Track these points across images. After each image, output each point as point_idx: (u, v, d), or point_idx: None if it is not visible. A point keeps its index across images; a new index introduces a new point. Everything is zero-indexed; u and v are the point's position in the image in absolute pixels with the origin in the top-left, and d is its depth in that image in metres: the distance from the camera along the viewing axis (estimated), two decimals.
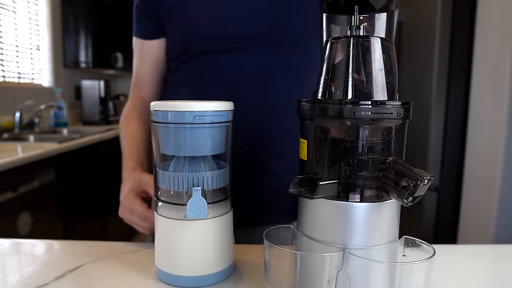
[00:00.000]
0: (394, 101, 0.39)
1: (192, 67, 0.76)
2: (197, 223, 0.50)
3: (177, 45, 0.77)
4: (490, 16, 1.78)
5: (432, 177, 0.36)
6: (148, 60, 0.83)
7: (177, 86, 0.80)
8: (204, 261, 0.51)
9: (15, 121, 2.33)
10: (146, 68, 0.84)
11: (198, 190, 0.48)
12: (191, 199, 0.48)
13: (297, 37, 0.73)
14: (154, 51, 0.82)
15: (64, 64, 3.01)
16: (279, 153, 0.74)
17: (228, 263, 0.54)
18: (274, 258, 0.43)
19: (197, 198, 0.48)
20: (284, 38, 0.73)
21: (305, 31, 0.73)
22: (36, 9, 2.71)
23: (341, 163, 0.40)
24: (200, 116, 0.48)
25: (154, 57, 0.83)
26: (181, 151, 0.50)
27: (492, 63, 1.76)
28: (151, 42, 0.81)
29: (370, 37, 0.42)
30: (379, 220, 0.41)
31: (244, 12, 0.72)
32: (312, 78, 0.78)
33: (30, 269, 0.57)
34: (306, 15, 0.73)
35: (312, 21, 0.72)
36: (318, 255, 0.41)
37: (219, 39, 0.72)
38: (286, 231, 0.48)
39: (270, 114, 0.72)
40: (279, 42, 0.72)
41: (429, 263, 0.39)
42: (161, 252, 0.53)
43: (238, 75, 0.73)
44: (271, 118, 0.72)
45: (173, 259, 0.51)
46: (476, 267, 0.60)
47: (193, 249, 0.51)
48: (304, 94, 0.77)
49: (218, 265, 0.52)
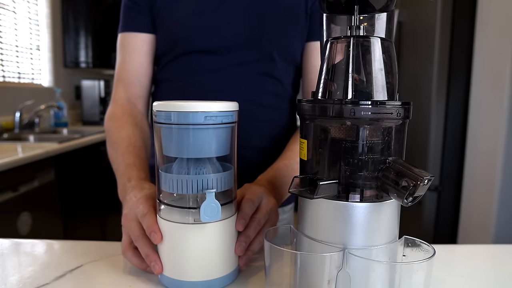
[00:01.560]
0: (394, 101, 0.39)
1: (176, 66, 0.77)
2: (203, 227, 0.48)
3: (164, 43, 0.77)
4: (490, 16, 1.78)
5: (432, 177, 0.36)
6: (138, 53, 0.78)
7: (162, 84, 0.81)
8: (208, 265, 0.50)
9: (15, 121, 2.33)
10: (138, 63, 0.79)
11: (212, 193, 0.47)
12: (205, 202, 0.46)
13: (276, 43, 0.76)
14: (145, 44, 0.78)
15: (64, 64, 3.01)
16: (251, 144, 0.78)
17: (233, 267, 0.53)
18: (274, 258, 0.43)
19: (211, 201, 0.46)
20: (263, 43, 0.75)
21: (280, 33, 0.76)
22: (36, 9, 2.71)
23: (341, 163, 0.40)
24: (209, 117, 0.47)
25: (147, 50, 0.78)
26: (187, 153, 0.48)
27: (492, 63, 1.75)
28: (144, 35, 0.77)
29: (370, 37, 0.42)
30: (379, 220, 0.41)
31: (228, 17, 0.74)
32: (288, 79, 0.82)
33: (30, 269, 0.57)
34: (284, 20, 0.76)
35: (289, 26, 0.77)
36: (318, 255, 0.41)
37: (203, 42, 0.74)
38: (286, 231, 0.48)
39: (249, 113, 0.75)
40: (258, 46, 0.75)
41: (429, 263, 0.39)
42: (164, 256, 0.51)
43: (220, 77, 0.75)
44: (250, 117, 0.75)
45: (177, 264, 0.50)
46: (476, 267, 0.60)
47: (198, 253, 0.49)
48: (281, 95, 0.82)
49: (223, 269, 0.51)
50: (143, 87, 0.80)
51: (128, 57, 0.78)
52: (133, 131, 0.73)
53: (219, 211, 0.47)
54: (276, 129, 0.82)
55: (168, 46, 0.77)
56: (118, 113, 0.76)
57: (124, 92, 0.79)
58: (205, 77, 0.76)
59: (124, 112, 0.76)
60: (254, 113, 0.77)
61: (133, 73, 0.79)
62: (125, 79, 0.79)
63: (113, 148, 0.71)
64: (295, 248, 0.46)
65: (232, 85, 0.76)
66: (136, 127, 0.74)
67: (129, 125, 0.74)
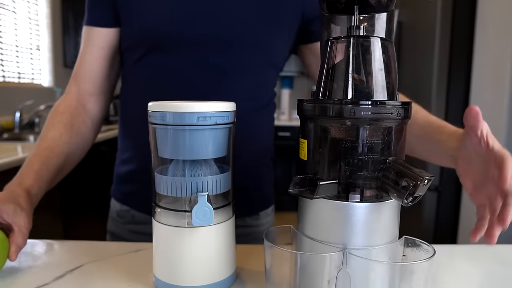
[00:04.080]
0: (394, 101, 0.39)
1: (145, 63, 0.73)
2: (198, 230, 0.47)
3: (130, 38, 0.73)
4: (490, 16, 1.78)
5: (432, 177, 0.36)
6: (95, 49, 0.74)
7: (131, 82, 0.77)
8: (206, 270, 0.49)
9: (15, 121, 2.33)
10: (91, 58, 0.74)
11: (204, 196, 0.45)
12: (197, 205, 0.45)
13: (253, 39, 0.72)
14: (103, 39, 0.74)
15: (64, 64, 3.01)
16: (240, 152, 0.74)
17: (230, 271, 0.52)
18: (274, 258, 0.43)
19: (203, 204, 0.45)
20: (238, 39, 0.71)
21: (260, 32, 0.72)
22: (36, 9, 2.71)
23: (341, 163, 0.40)
24: (204, 118, 0.45)
25: (103, 45, 0.74)
26: (182, 154, 0.47)
27: (492, 63, 1.75)
28: (102, 30, 0.73)
29: (370, 37, 0.42)
30: (379, 220, 0.41)
31: (197, 11, 0.69)
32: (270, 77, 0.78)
33: (30, 269, 0.57)
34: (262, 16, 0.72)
35: (269, 22, 0.73)
36: (318, 255, 0.41)
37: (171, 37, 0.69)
38: (286, 231, 0.48)
39: None
40: (231, 42, 0.71)
41: (429, 263, 0.39)
42: (160, 261, 0.50)
43: (190, 74, 0.71)
44: None
45: (173, 268, 0.48)
46: (476, 267, 0.60)
47: (195, 258, 0.48)
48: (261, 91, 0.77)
49: (221, 274, 0.50)
50: (95, 83, 0.76)
51: (84, 51, 0.75)
52: (62, 134, 0.70)
53: (212, 215, 0.46)
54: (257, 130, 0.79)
55: (137, 40, 0.72)
56: (60, 108, 0.74)
57: (76, 87, 0.76)
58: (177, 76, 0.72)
59: (66, 110, 0.73)
60: None
61: (86, 68, 0.75)
62: (78, 74, 0.76)
63: (36, 143, 0.70)
64: (295, 248, 0.46)
65: None
66: (69, 129, 0.71)
67: (62, 126, 0.71)
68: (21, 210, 0.57)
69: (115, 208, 0.83)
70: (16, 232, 0.55)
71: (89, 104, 0.77)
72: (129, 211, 0.80)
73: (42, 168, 0.64)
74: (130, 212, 0.80)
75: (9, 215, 0.55)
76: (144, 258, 0.60)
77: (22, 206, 0.57)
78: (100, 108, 0.79)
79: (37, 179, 0.63)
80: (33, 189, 0.62)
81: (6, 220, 0.55)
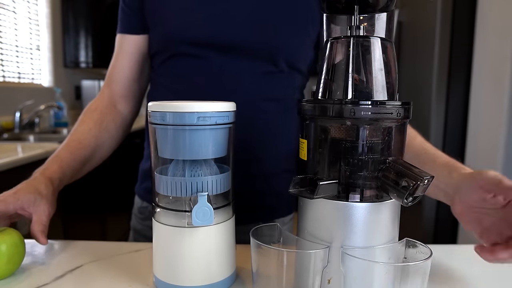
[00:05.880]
0: (394, 101, 0.39)
1: (170, 67, 0.75)
2: (199, 230, 0.47)
3: (157, 44, 0.76)
4: (490, 16, 1.78)
5: (432, 177, 0.36)
6: (125, 54, 0.80)
7: (157, 84, 0.80)
8: (206, 270, 0.49)
9: (15, 121, 2.33)
10: (122, 63, 0.80)
11: (204, 196, 0.45)
12: (197, 205, 0.45)
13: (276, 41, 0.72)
14: (133, 45, 0.79)
15: (64, 64, 3.01)
16: (260, 155, 0.74)
17: (230, 271, 0.52)
18: (261, 256, 0.43)
19: (203, 204, 0.45)
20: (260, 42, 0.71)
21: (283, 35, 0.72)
22: (36, 9, 2.71)
23: (341, 163, 0.40)
24: (204, 118, 0.45)
25: (133, 51, 0.79)
26: (182, 154, 0.47)
27: (492, 63, 1.75)
28: (132, 37, 0.79)
29: (370, 37, 0.42)
30: (379, 220, 0.41)
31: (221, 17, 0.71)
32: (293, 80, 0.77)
33: (30, 269, 0.57)
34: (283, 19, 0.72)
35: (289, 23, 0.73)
36: (304, 252, 0.41)
37: (193, 43, 0.72)
38: (272, 230, 0.48)
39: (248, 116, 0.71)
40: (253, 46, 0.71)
41: (426, 264, 0.39)
42: (160, 261, 0.50)
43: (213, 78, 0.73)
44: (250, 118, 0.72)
45: (173, 268, 0.48)
46: (476, 267, 0.60)
47: (195, 258, 0.48)
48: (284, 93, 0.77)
49: (221, 274, 0.50)
50: (126, 86, 0.81)
51: (116, 56, 0.81)
52: (91, 128, 0.75)
53: (212, 215, 0.46)
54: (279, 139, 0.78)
55: (162, 45, 0.75)
56: (92, 106, 0.79)
57: (108, 89, 0.81)
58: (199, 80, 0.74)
59: (97, 108, 0.79)
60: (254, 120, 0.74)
61: (117, 72, 0.81)
62: (111, 77, 0.81)
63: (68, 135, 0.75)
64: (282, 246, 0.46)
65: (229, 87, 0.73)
66: (99, 125, 0.76)
67: (92, 122, 0.76)
68: (41, 199, 0.60)
69: (137, 205, 0.85)
70: (34, 221, 0.59)
71: (119, 105, 0.81)
72: (147, 208, 0.82)
73: (68, 156, 0.69)
74: (148, 208, 0.82)
75: (30, 206, 0.59)
76: (144, 258, 0.60)
77: (42, 194, 0.61)
78: (130, 109, 0.83)
79: (62, 165, 0.67)
80: (55, 174, 0.65)
81: (27, 211, 0.59)
